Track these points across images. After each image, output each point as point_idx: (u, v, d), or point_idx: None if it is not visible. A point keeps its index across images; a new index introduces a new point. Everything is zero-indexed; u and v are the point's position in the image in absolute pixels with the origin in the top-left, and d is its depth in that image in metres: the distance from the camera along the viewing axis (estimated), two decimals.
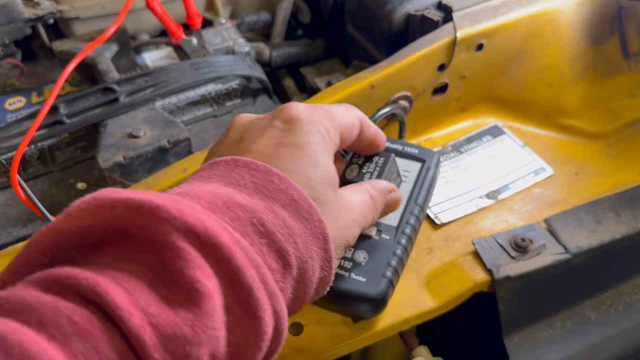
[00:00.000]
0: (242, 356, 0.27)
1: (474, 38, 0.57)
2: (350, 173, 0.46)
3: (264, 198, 0.31)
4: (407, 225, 0.47)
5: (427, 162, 0.51)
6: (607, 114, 0.65)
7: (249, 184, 0.32)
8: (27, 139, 0.50)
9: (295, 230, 0.31)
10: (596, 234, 0.50)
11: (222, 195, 0.30)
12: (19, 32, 0.66)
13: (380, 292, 0.43)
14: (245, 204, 0.30)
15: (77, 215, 0.27)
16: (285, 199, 0.32)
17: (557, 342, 0.50)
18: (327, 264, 0.34)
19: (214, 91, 0.65)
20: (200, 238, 0.27)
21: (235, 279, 0.27)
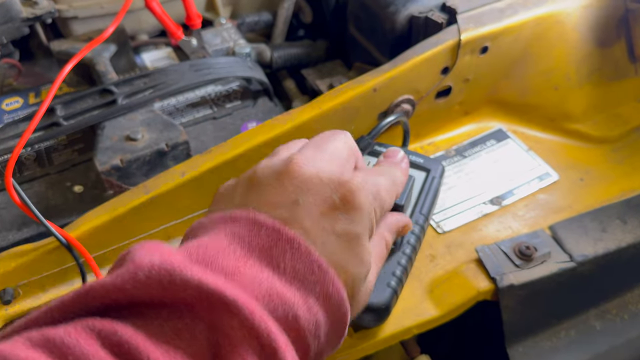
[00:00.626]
0: None
1: (478, 41, 0.56)
2: None
3: (300, 288, 0.31)
4: (411, 235, 0.46)
5: (431, 172, 0.51)
6: (613, 119, 0.64)
7: (289, 269, 0.31)
8: (23, 142, 0.49)
9: (321, 323, 0.31)
10: (602, 242, 0.49)
11: (264, 282, 0.30)
12: (17, 32, 0.65)
13: (385, 302, 0.43)
14: (284, 295, 0.30)
15: (146, 283, 0.27)
16: (320, 291, 0.31)
17: (561, 351, 0.49)
18: (337, 346, 0.34)
19: (214, 93, 0.64)
20: (263, 343, 0.27)
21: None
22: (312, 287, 0.31)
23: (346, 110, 0.53)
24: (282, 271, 0.31)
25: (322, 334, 0.31)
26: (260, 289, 0.29)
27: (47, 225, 0.45)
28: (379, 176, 0.39)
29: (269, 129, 0.51)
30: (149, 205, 0.48)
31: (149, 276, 0.27)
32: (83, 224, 0.47)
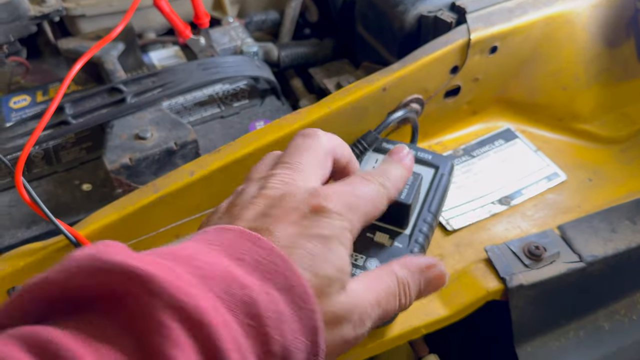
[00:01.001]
0: None
1: (488, 40, 0.56)
2: None
3: (261, 277, 0.30)
4: (420, 234, 0.46)
5: (440, 169, 0.50)
6: (621, 119, 0.64)
7: (250, 259, 0.31)
8: (32, 141, 0.49)
9: (285, 316, 0.30)
10: (612, 243, 0.49)
11: (219, 267, 0.29)
12: (25, 30, 0.65)
13: None
14: (241, 279, 0.29)
15: (76, 273, 0.27)
16: (282, 282, 0.30)
17: (570, 352, 0.49)
18: (314, 358, 0.32)
19: (222, 91, 0.64)
20: (189, 316, 0.26)
21: (210, 344, 0.26)
22: (273, 277, 0.30)
23: (355, 109, 0.53)
24: (242, 261, 0.30)
25: (286, 329, 0.30)
26: (214, 273, 0.29)
27: (57, 224, 0.45)
28: (364, 186, 0.38)
29: (278, 128, 0.51)
30: (158, 204, 0.48)
31: (79, 266, 0.26)
32: (92, 222, 0.47)
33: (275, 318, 0.29)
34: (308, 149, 0.39)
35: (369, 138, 0.51)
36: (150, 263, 0.27)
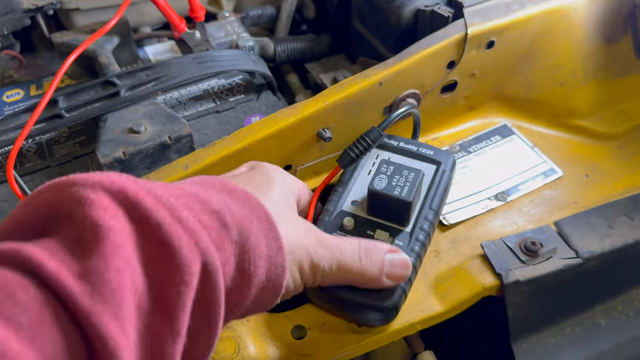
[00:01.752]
0: (165, 289, 0.27)
1: (484, 35, 0.55)
2: (379, 183, 0.45)
3: (199, 184, 0.34)
4: (420, 232, 0.46)
5: (442, 165, 0.50)
6: (618, 115, 0.63)
7: (193, 182, 0.34)
8: (24, 134, 0.48)
9: (229, 202, 0.33)
10: (608, 239, 0.49)
11: (165, 184, 0.32)
12: (18, 23, 0.65)
13: (394, 303, 0.42)
14: (183, 187, 0.32)
15: (28, 202, 0.29)
16: (222, 187, 0.34)
17: (566, 348, 0.48)
18: (275, 243, 0.34)
19: (217, 86, 0.64)
20: (110, 188, 0.28)
21: (144, 218, 0.28)
22: (215, 187, 0.34)
23: (351, 104, 0.52)
24: (185, 183, 0.34)
25: (235, 210, 0.32)
26: (156, 185, 0.31)
27: None
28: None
29: (273, 122, 0.51)
30: None
31: (48, 189, 0.29)
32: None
33: (221, 202, 0.32)
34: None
35: (372, 135, 0.50)
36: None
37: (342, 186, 0.49)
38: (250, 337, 0.44)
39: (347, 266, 0.39)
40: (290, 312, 0.46)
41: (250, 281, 0.33)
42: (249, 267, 0.32)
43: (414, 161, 0.50)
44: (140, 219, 0.28)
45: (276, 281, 0.35)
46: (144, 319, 0.27)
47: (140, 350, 0.26)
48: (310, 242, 0.38)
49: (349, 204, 0.48)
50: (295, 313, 0.46)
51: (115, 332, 0.25)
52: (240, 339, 0.44)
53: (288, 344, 0.44)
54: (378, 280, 0.41)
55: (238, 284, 0.32)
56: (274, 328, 0.45)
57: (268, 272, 0.34)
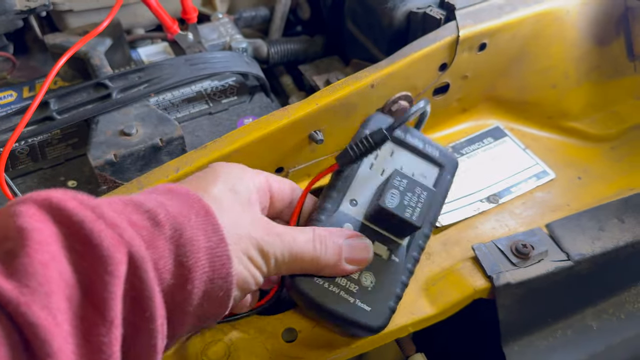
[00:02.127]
0: (92, 280, 0.29)
1: (476, 37, 0.55)
2: (391, 200, 0.42)
3: (144, 193, 0.35)
4: (416, 248, 0.44)
5: (445, 169, 0.47)
6: (611, 117, 0.64)
7: (140, 193, 0.36)
8: (15, 136, 0.48)
9: (166, 201, 0.34)
10: (599, 241, 0.49)
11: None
12: (11, 25, 0.65)
13: (383, 324, 0.42)
14: (121, 196, 0.34)
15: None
16: (163, 190, 0.36)
17: (557, 351, 0.48)
18: (215, 235, 0.34)
19: (210, 88, 0.64)
20: (37, 199, 0.30)
21: (66, 218, 0.29)
22: (154, 190, 0.36)
23: (343, 106, 0.52)
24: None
25: (170, 208, 0.33)
26: (97, 200, 0.32)
27: None
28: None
29: (266, 124, 0.50)
30: None
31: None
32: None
33: (156, 202, 0.33)
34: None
35: (377, 136, 0.44)
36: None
37: (341, 181, 0.45)
38: (241, 340, 0.44)
39: (300, 253, 0.39)
40: (282, 315, 0.46)
41: (191, 274, 0.33)
42: (187, 260, 0.33)
43: (418, 160, 0.47)
44: (63, 219, 0.29)
45: (222, 271, 0.35)
46: (76, 310, 0.28)
47: (75, 340, 0.27)
48: (258, 230, 0.38)
49: (347, 203, 0.44)
50: (286, 316, 0.46)
51: (45, 320, 0.26)
52: (230, 342, 0.43)
53: (279, 347, 0.44)
54: (337, 267, 0.41)
55: (179, 279, 0.33)
56: (264, 331, 0.45)
57: (211, 263, 0.34)
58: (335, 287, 0.41)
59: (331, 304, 0.41)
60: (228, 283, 0.35)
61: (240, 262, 0.36)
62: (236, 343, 0.43)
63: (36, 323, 0.26)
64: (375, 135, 0.44)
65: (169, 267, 0.32)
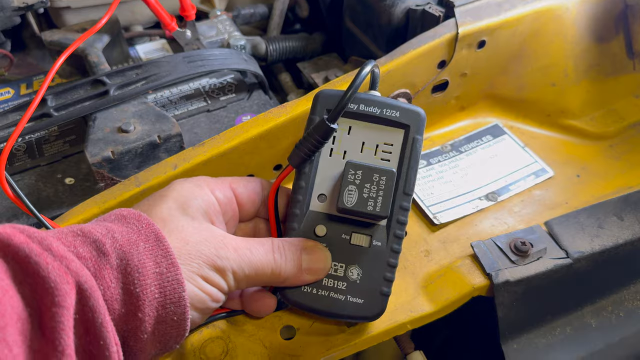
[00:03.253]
0: (42, 313, 0.29)
1: (476, 35, 0.55)
2: (349, 199, 0.40)
3: (96, 221, 0.36)
4: (397, 225, 0.42)
5: (411, 129, 0.42)
6: (610, 115, 0.63)
7: (97, 219, 0.37)
8: (15, 135, 0.48)
9: (115, 229, 0.34)
10: (598, 239, 0.49)
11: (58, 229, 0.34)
12: (8, 21, 0.64)
13: (379, 311, 0.42)
14: (71, 226, 0.34)
15: None
16: (115, 217, 0.36)
17: (556, 349, 0.48)
18: (165, 260, 0.34)
19: (208, 85, 0.63)
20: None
21: (14, 252, 0.30)
22: (108, 217, 0.37)
23: None
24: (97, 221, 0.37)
25: (117, 236, 0.34)
26: (56, 231, 0.33)
27: (40, 218, 0.44)
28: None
29: (264, 122, 0.50)
30: (140, 197, 0.47)
31: None
32: (73, 216, 0.46)
33: (105, 231, 0.34)
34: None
35: (321, 129, 0.41)
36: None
37: (304, 179, 0.43)
38: (239, 337, 0.44)
39: (260, 266, 0.39)
40: (280, 313, 0.45)
41: (139, 301, 0.33)
42: (134, 288, 0.33)
43: (379, 129, 0.43)
44: (11, 254, 0.30)
45: (174, 296, 0.34)
46: (29, 343, 0.28)
47: None
48: (210, 247, 0.37)
49: (316, 200, 0.43)
50: (285, 313, 0.45)
51: (1, 353, 0.27)
52: (228, 340, 0.43)
53: (277, 345, 0.44)
54: (297, 278, 0.41)
55: (129, 307, 0.33)
56: (263, 329, 0.44)
57: (161, 289, 0.34)
58: (324, 290, 0.42)
59: (324, 307, 0.41)
60: (181, 307, 0.35)
61: (193, 283, 0.36)
62: (234, 340, 0.43)
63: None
64: (319, 129, 0.41)
65: (117, 296, 0.33)
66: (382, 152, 0.43)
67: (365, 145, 0.43)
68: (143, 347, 0.34)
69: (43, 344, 0.29)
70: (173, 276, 0.34)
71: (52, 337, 0.29)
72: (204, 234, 0.38)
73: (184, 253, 0.36)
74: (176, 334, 0.36)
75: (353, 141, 0.43)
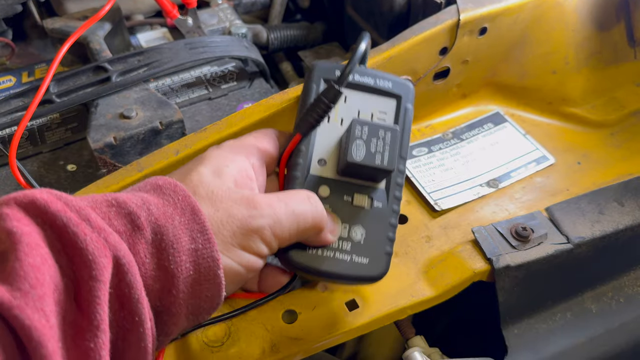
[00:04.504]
0: (78, 285, 0.29)
1: (477, 21, 0.55)
2: (358, 152, 0.41)
3: (131, 190, 0.35)
4: (396, 187, 0.43)
5: (403, 99, 0.45)
6: (611, 103, 0.63)
7: (133, 188, 0.36)
8: (23, 125, 0.48)
9: (151, 200, 0.33)
10: (599, 224, 0.49)
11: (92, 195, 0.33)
12: (9, 9, 0.64)
13: (384, 270, 0.42)
14: (105, 194, 0.33)
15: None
16: (151, 186, 0.35)
17: (556, 333, 0.48)
18: (201, 236, 0.33)
19: (209, 73, 0.63)
20: (22, 201, 0.30)
21: (52, 221, 0.29)
22: (143, 187, 0.35)
23: None
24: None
25: (153, 209, 0.33)
26: (85, 198, 0.32)
27: None
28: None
29: (265, 108, 0.50)
30: None
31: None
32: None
33: (140, 203, 0.33)
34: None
35: (330, 94, 0.42)
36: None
37: (304, 144, 0.43)
38: (241, 321, 0.44)
39: (301, 213, 0.38)
40: (282, 297, 0.46)
41: (174, 278, 0.32)
42: (168, 264, 0.32)
43: (373, 98, 0.45)
44: (48, 222, 0.29)
45: (209, 273, 0.34)
46: (64, 314, 0.28)
47: (65, 344, 0.27)
48: (241, 209, 0.36)
49: (316, 164, 0.43)
50: (287, 297, 0.46)
51: (39, 322, 0.26)
52: (231, 323, 0.44)
53: (279, 329, 0.44)
54: (327, 233, 0.40)
55: (163, 284, 0.32)
56: (265, 312, 0.45)
57: (196, 266, 0.33)
58: (329, 251, 0.41)
59: (330, 268, 0.41)
60: (216, 285, 0.34)
61: (229, 255, 0.35)
62: (236, 324, 0.43)
63: (30, 325, 0.26)
64: (328, 93, 0.42)
65: (151, 272, 0.32)
66: (377, 119, 0.45)
67: (361, 113, 0.45)
68: (176, 322, 0.34)
69: (78, 316, 0.28)
70: (209, 253, 0.33)
71: (88, 311, 0.28)
72: (233, 196, 0.37)
73: (216, 221, 0.35)
74: (209, 308, 0.35)
75: (349, 109, 0.45)
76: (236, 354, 0.42)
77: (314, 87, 0.44)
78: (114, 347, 0.30)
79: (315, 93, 0.44)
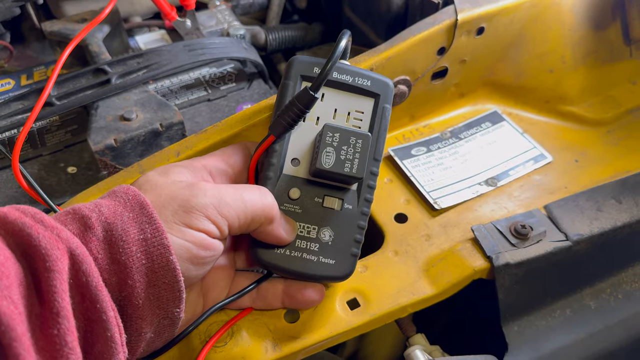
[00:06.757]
0: (37, 278, 0.30)
1: (474, 21, 0.56)
2: (327, 160, 0.41)
3: (92, 200, 0.37)
4: (367, 190, 0.44)
5: (381, 98, 0.45)
6: (607, 101, 0.64)
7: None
8: (26, 128, 0.48)
9: (103, 203, 0.36)
10: (597, 221, 0.49)
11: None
12: (7, 12, 0.64)
13: (349, 271, 0.43)
14: (71, 206, 0.36)
15: None
16: (107, 193, 0.37)
17: (556, 330, 0.49)
18: (149, 226, 0.35)
19: (208, 75, 0.64)
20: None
21: (10, 226, 0.31)
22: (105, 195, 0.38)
23: None
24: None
25: (104, 210, 0.35)
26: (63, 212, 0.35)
27: (54, 208, 0.44)
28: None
29: (265, 108, 0.51)
30: None
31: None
32: (75, 204, 0.46)
33: (92, 207, 0.35)
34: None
35: (304, 99, 0.41)
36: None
37: (278, 144, 0.43)
38: (244, 321, 0.44)
39: (248, 195, 0.39)
40: None
41: (127, 268, 0.34)
42: (120, 256, 0.34)
43: (351, 97, 0.45)
44: (9, 230, 0.32)
45: (162, 260, 0.35)
46: (30, 307, 0.30)
47: (33, 333, 0.29)
48: (184, 191, 0.38)
49: (289, 164, 0.44)
50: None
51: (7, 308, 0.28)
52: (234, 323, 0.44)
53: (281, 328, 0.44)
54: (279, 222, 0.41)
55: (119, 275, 0.34)
56: (267, 312, 0.45)
57: (147, 254, 0.34)
58: (297, 251, 0.42)
59: (297, 268, 0.42)
60: (171, 270, 0.35)
61: (175, 234, 0.36)
62: (239, 323, 0.44)
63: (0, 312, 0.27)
64: (301, 99, 0.41)
65: (106, 266, 0.34)
66: (353, 119, 0.45)
67: (337, 112, 0.45)
68: (141, 314, 0.35)
69: (41, 307, 0.30)
70: (158, 241, 0.35)
71: (48, 300, 0.30)
72: (178, 184, 0.38)
73: (158, 205, 0.36)
74: (172, 297, 0.36)
75: (326, 107, 0.45)
76: (239, 353, 0.42)
77: (290, 84, 0.44)
78: (84, 340, 0.32)
79: (292, 91, 0.44)
